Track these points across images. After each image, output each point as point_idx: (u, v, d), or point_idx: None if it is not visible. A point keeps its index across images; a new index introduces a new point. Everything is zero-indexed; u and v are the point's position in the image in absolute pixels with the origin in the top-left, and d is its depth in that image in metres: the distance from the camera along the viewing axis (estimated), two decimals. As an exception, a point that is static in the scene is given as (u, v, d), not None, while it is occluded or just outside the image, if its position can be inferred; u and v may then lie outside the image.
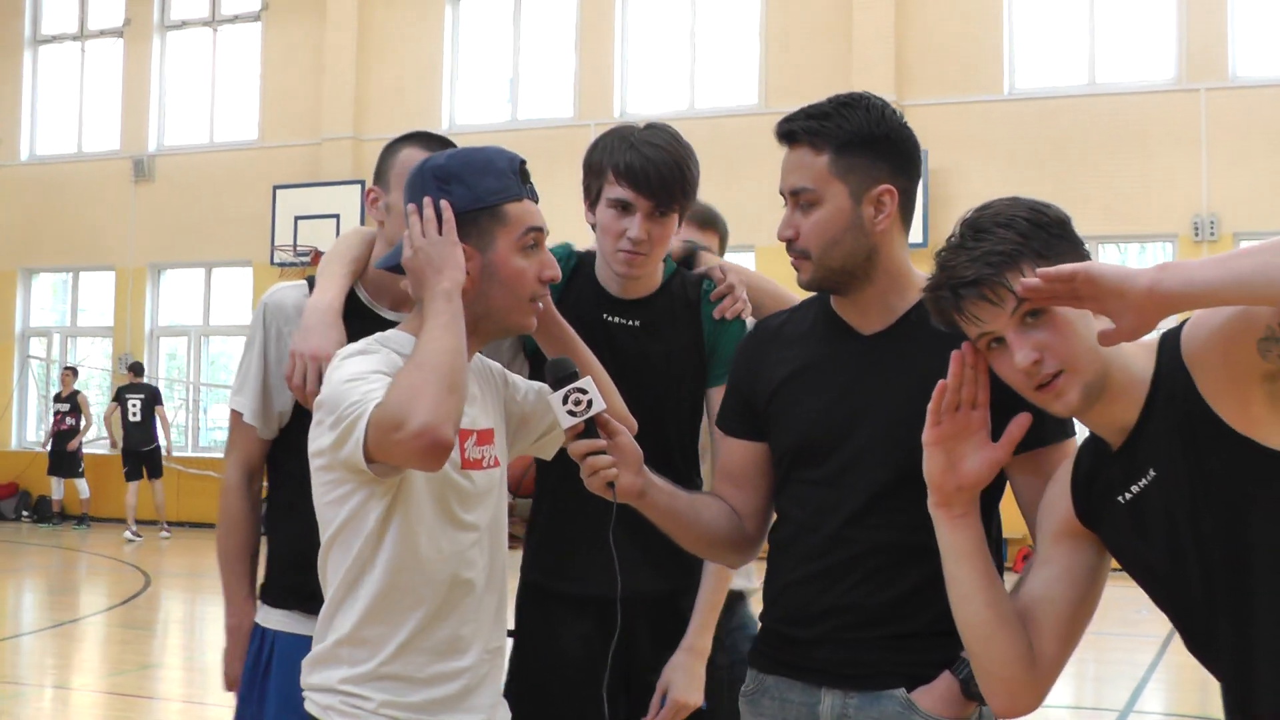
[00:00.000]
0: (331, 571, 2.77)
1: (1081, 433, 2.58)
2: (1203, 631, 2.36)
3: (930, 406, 2.48)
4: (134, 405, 19.41)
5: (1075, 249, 2.42)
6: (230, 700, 3.46)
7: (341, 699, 2.72)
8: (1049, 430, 2.61)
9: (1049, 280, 2.19)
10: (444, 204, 2.74)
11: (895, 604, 2.70)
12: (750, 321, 3.51)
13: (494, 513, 2.90)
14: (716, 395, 3.45)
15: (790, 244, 2.78)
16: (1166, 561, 2.35)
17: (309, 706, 2.78)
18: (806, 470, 2.82)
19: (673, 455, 3.49)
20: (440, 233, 2.72)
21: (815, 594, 2.77)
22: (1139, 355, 2.35)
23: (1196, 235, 16.72)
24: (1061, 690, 8.54)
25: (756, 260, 16.50)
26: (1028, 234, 2.41)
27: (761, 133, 3.84)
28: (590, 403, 2.67)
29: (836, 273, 2.76)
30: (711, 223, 4.26)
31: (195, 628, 12.52)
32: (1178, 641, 3.05)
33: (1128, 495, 2.37)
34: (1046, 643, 2.48)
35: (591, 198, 3.44)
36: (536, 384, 3.11)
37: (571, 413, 2.67)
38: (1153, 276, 2.12)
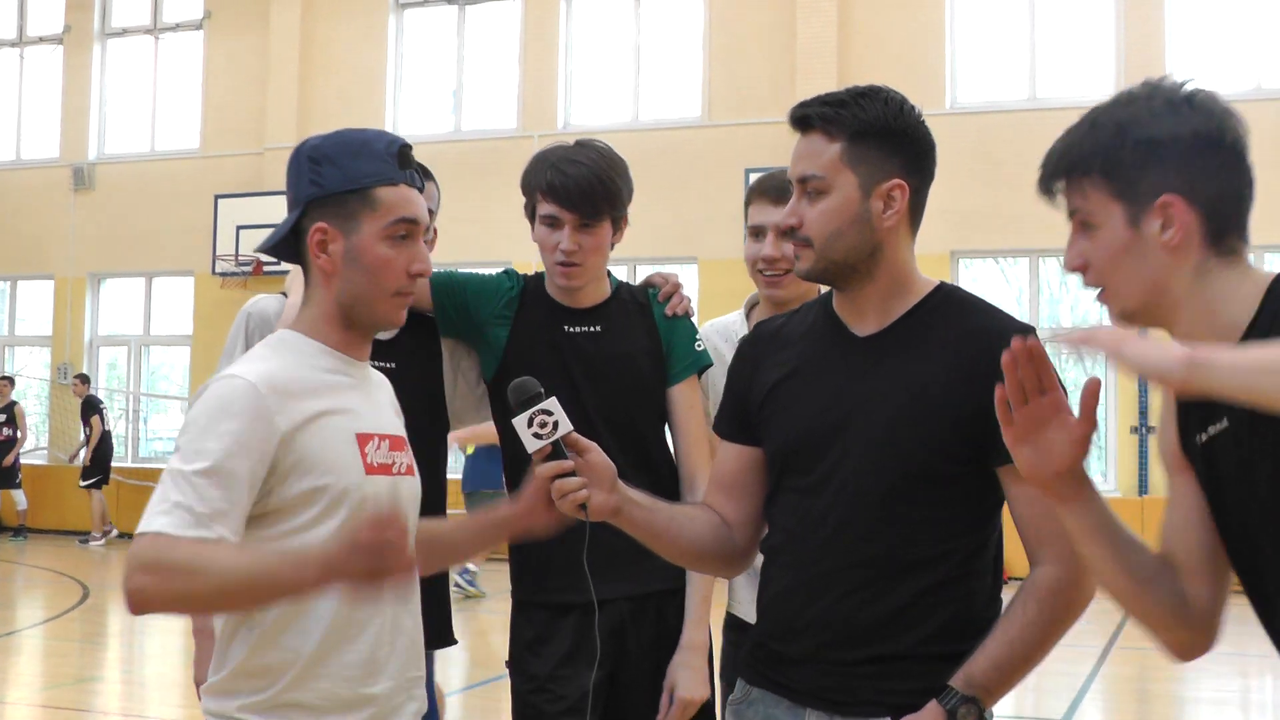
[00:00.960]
0: None
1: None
2: (1265, 596, 2.24)
3: (999, 415, 2.30)
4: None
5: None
6: (169, 712, 3.41)
7: None
8: None
9: (1072, 343, 2.12)
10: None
11: (882, 622, 2.61)
12: (696, 320, 3.67)
13: (410, 523, 2.77)
14: (677, 394, 3.58)
15: (793, 231, 2.72)
16: (1234, 514, 2.25)
17: None
18: (795, 477, 2.75)
19: (651, 455, 3.60)
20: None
21: (799, 607, 2.70)
22: (1242, 295, 2.19)
23: (1135, 249, 16.84)
24: (1003, 700, 8.51)
25: (699, 273, 16.54)
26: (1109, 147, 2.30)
27: (706, 145, 3.87)
28: (556, 424, 2.60)
29: (838, 265, 2.69)
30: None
31: (134, 640, 12.39)
32: (1117, 653, 3.05)
33: (1203, 437, 2.26)
34: (1195, 585, 2.33)
35: (530, 215, 3.60)
36: None
37: (537, 435, 2.61)
38: (1186, 369, 1.96)
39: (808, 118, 2.71)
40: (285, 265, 3.35)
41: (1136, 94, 2.31)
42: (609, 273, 3.72)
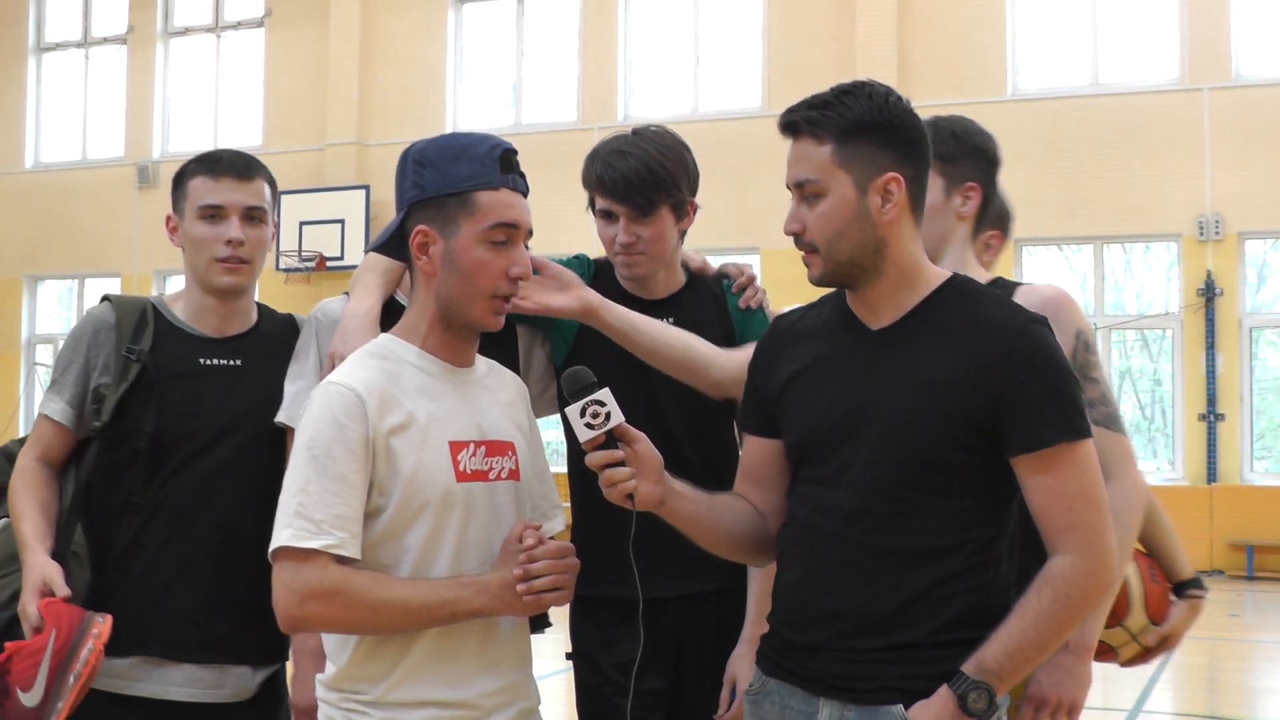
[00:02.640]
0: None
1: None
2: None
3: None
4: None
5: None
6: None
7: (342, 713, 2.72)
8: (1048, 432, 2.57)
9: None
10: None
11: (895, 612, 2.62)
12: (771, 313, 3.61)
13: (507, 528, 2.83)
14: None
15: (798, 238, 2.73)
16: None
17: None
18: (811, 469, 2.77)
19: (722, 445, 3.59)
20: None
21: (813, 597, 2.71)
22: None
23: (1201, 235, 16.69)
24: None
25: (762, 263, 16.49)
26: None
27: (765, 135, 3.86)
28: (609, 415, 2.63)
29: (845, 266, 2.70)
30: None
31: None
32: (1186, 642, 3.03)
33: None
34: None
35: (592, 209, 3.60)
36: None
37: (589, 425, 2.63)
38: None
39: (794, 123, 2.73)
40: (349, 260, 3.37)
41: None
42: (685, 264, 3.70)
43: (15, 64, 23.62)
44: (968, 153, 3.33)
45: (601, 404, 2.63)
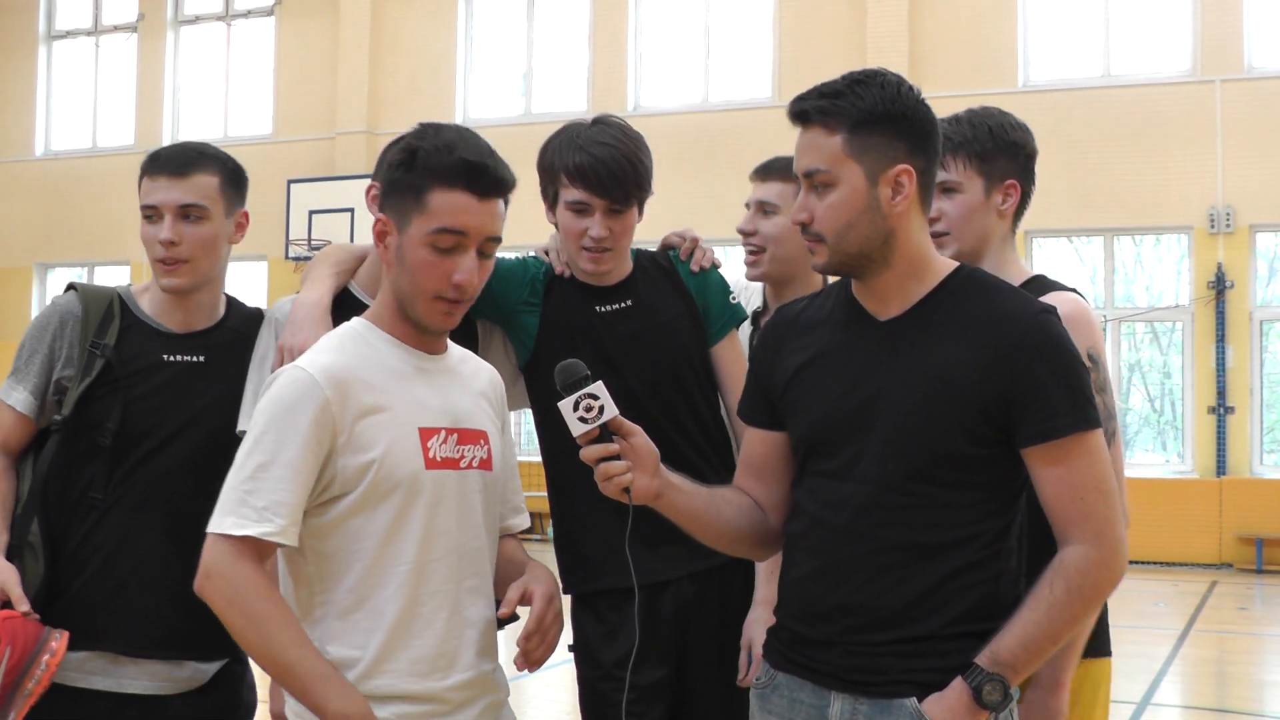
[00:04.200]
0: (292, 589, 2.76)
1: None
2: None
3: None
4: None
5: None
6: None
7: None
8: (1061, 422, 2.55)
9: None
10: None
11: (907, 605, 2.60)
12: (724, 271, 3.63)
13: (481, 517, 2.82)
14: (719, 353, 3.55)
15: (805, 228, 2.70)
16: None
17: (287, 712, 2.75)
18: (819, 462, 2.74)
19: (704, 423, 3.56)
20: None
21: (823, 591, 2.69)
22: None
23: (1212, 227, 16.66)
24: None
25: (771, 253, 16.47)
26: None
27: (776, 126, 3.84)
28: (602, 408, 2.60)
29: (853, 257, 2.67)
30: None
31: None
32: (1195, 635, 3.02)
33: None
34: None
35: (549, 200, 3.49)
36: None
37: (583, 419, 2.60)
38: None
39: (805, 112, 2.69)
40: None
41: None
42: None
43: (26, 52, 23.65)
44: (1005, 149, 3.29)
45: (595, 397, 2.60)
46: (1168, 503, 16.17)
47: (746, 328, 3.77)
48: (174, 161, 3.40)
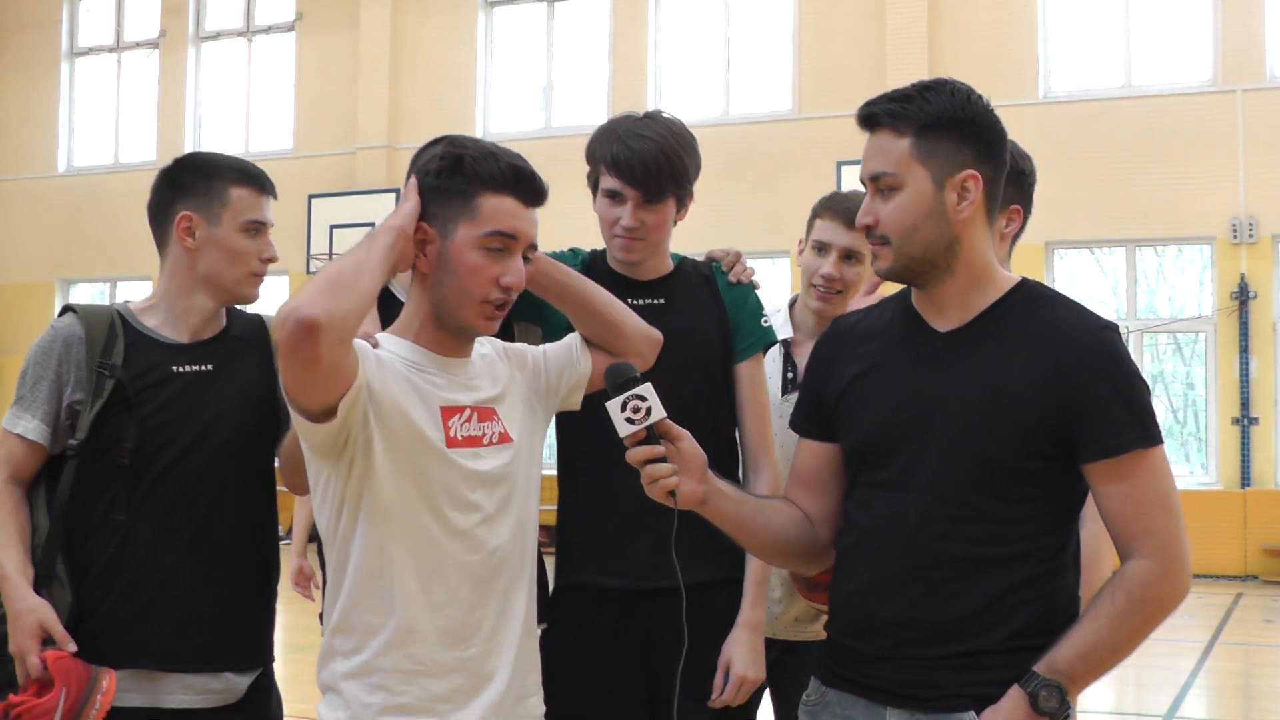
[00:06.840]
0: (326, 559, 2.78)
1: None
2: None
3: None
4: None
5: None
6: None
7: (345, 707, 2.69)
8: (1125, 439, 2.54)
9: None
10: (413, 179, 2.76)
11: (963, 620, 2.59)
12: (760, 292, 3.67)
13: (507, 492, 2.83)
14: (743, 371, 3.54)
15: (870, 231, 2.70)
16: None
17: (319, 709, 2.76)
18: (872, 473, 2.72)
19: (716, 430, 3.53)
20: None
21: (877, 605, 2.67)
22: None
23: (1235, 237, 16.60)
24: (1103, 696, 8.49)
25: (791, 267, 16.47)
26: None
27: (796, 138, 3.85)
28: (650, 410, 2.60)
29: (917, 261, 2.66)
30: None
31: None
32: (1220, 648, 3.00)
33: None
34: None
35: (592, 185, 3.58)
36: (555, 345, 3.11)
37: (630, 420, 2.60)
38: None
39: (874, 115, 2.69)
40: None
41: None
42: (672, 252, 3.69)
43: (49, 69, 23.75)
44: (1012, 177, 3.30)
45: (643, 398, 2.60)
46: (1191, 515, 15.76)
47: (775, 354, 3.79)
48: (259, 179, 3.58)
